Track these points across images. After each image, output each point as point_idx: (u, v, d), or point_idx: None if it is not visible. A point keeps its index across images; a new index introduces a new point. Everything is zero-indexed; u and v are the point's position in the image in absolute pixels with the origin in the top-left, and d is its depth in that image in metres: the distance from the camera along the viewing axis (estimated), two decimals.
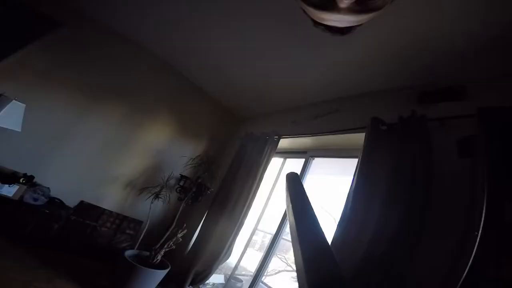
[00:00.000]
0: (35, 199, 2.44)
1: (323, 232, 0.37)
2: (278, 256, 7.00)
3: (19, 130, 2.26)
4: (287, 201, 0.45)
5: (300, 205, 0.42)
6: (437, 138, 1.66)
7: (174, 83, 3.47)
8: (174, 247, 2.52)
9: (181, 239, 2.52)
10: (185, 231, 2.52)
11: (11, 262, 2.24)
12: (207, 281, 2.94)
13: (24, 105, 2.21)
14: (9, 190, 2.07)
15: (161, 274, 2.43)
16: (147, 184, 3.15)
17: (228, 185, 3.08)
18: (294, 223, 0.38)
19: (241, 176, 3.00)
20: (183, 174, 3.14)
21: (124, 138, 3.12)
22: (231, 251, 2.87)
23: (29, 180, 2.12)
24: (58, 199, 2.76)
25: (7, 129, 2.14)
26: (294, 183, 0.48)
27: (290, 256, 7.17)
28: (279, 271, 6.74)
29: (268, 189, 3.19)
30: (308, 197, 0.43)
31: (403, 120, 1.86)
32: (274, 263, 6.65)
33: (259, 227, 3.18)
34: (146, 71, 3.27)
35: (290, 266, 6.89)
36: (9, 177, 2.03)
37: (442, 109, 1.75)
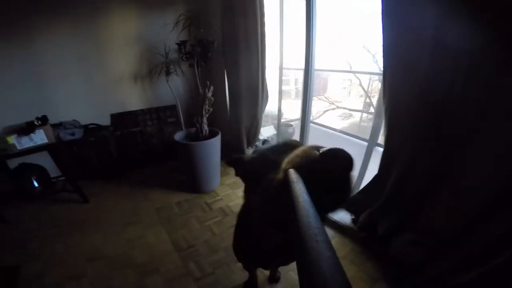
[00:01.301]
0: (72, 134, 2.52)
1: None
2: (318, 97, 6.79)
3: None
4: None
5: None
6: None
7: None
8: (211, 109, 2.46)
9: (213, 98, 2.41)
10: (211, 88, 2.36)
11: (110, 198, 2.61)
12: (260, 137, 3.03)
13: None
14: (40, 137, 2.10)
15: (214, 142, 2.44)
16: (151, 67, 2.95)
17: (230, 28, 2.58)
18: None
19: (239, 13, 2.42)
20: (178, 42, 2.72)
21: (94, 45, 2.69)
22: (266, 91, 2.71)
23: (43, 120, 2.10)
24: (93, 124, 2.83)
25: None
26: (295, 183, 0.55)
27: (330, 95, 6.92)
28: (324, 111, 6.71)
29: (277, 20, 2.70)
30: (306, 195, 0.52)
31: None
32: (316, 105, 6.50)
33: (285, 65, 2.90)
34: None
35: (334, 104, 6.73)
36: (27, 128, 2.02)
37: None
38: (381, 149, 1.68)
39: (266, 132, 3.34)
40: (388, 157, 1.59)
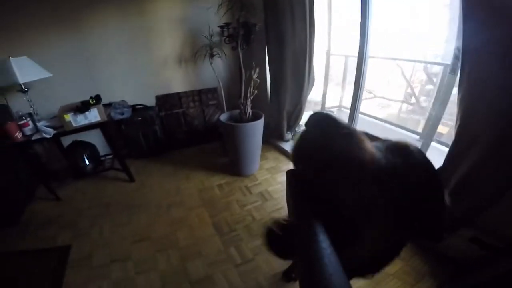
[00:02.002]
0: (122, 113, 2.61)
1: None
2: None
3: (51, 74, 2.31)
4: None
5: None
6: None
7: None
8: (256, 91, 2.40)
9: (258, 80, 2.35)
10: (257, 69, 2.30)
11: (155, 178, 2.70)
12: (301, 122, 2.93)
13: (24, 56, 2.19)
14: (94, 115, 2.20)
15: (258, 124, 2.39)
16: (195, 50, 2.94)
17: (274, 8, 2.46)
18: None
19: None
20: (221, 24, 2.67)
21: (141, 29, 2.74)
22: (313, 76, 2.57)
23: (97, 99, 2.20)
24: (140, 104, 2.92)
25: (41, 80, 2.23)
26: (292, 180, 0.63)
27: (366, 83, 6.45)
28: (362, 100, 6.31)
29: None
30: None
31: None
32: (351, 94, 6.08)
33: (332, 51, 2.75)
34: None
35: (371, 93, 6.31)
36: (82, 107, 2.12)
37: None
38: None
39: (306, 117, 3.22)
40: (457, 150, 1.44)
